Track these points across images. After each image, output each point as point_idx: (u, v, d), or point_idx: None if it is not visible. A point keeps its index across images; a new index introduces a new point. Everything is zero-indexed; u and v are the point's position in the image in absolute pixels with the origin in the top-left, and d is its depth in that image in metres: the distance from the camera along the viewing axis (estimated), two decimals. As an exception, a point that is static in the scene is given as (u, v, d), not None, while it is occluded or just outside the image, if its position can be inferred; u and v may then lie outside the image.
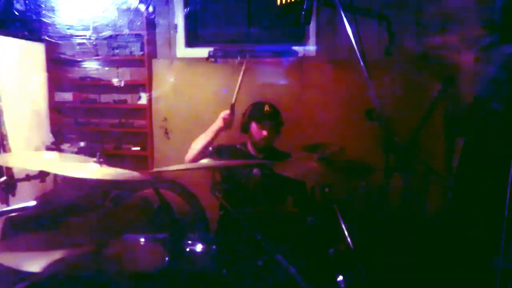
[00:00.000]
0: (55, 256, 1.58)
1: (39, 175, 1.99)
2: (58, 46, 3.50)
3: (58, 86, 3.67)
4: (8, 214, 1.97)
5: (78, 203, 2.52)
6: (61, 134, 3.41)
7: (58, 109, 3.63)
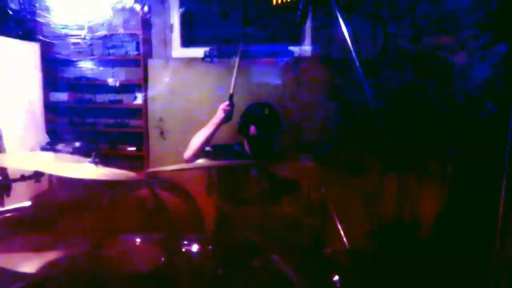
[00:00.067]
0: (50, 257, 1.57)
1: (34, 176, 1.98)
2: (53, 46, 3.48)
3: (53, 86, 3.66)
4: (2, 215, 1.96)
5: (73, 204, 2.51)
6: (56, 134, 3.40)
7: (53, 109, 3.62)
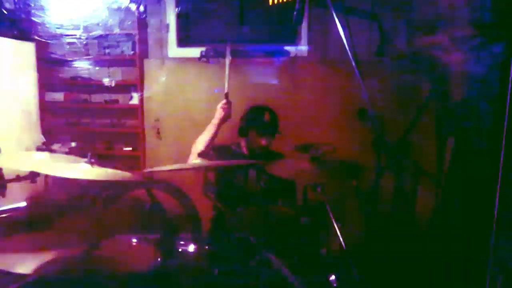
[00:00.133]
0: (46, 257, 1.57)
1: (30, 176, 1.98)
2: (49, 46, 3.47)
3: (48, 86, 3.64)
4: (-2, 216, 1.95)
5: (69, 204, 2.50)
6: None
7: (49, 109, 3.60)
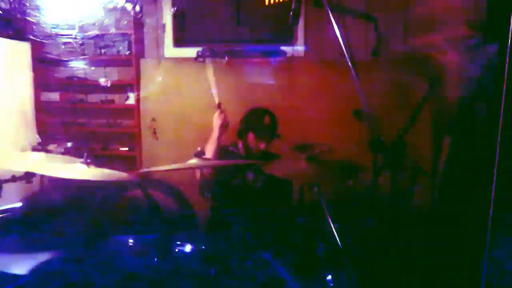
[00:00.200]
0: (42, 258, 1.56)
1: (25, 176, 1.96)
2: (44, 46, 3.45)
3: (44, 86, 3.63)
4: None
5: (65, 205, 2.49)
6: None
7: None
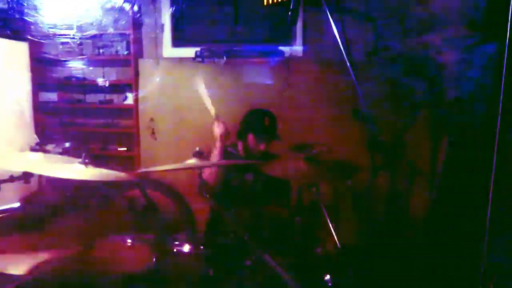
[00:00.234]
0: (40, 258, 1.56)
1: (23, 176, 1.96)
2: (42, 46, 3.45)
3: (42, 86, 3.62)
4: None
5: (63, 205, 2.49)
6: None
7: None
